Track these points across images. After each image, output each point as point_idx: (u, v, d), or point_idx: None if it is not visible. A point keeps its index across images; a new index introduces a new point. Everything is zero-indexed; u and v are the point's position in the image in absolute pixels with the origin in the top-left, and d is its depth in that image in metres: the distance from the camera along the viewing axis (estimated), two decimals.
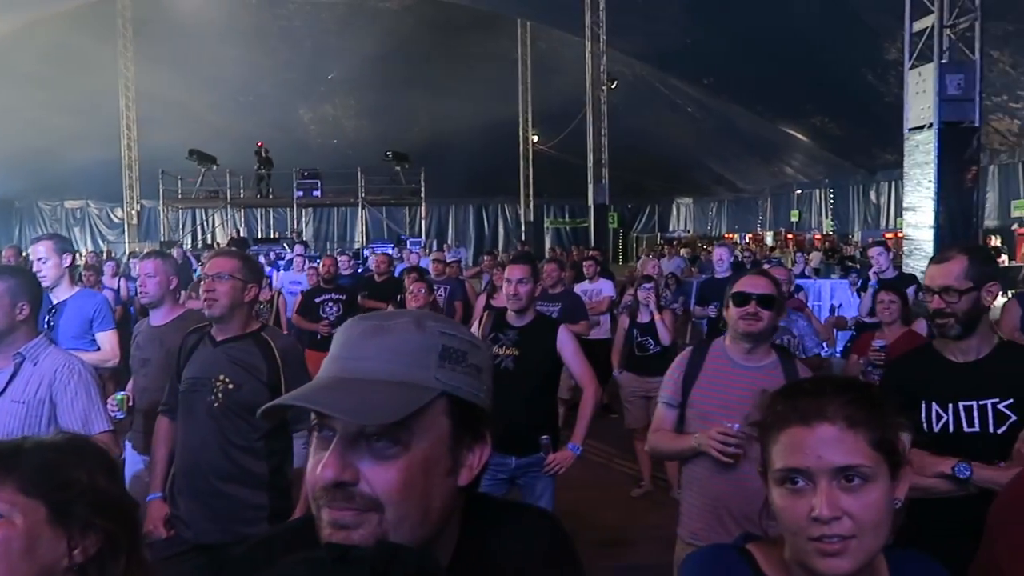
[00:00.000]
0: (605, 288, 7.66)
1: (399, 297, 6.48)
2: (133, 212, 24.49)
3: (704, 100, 24.36)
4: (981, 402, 2.14)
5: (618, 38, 19.75)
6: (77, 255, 6.30)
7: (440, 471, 0.85)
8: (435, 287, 6.45)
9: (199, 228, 27.53)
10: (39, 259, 3.87)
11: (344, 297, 7.19)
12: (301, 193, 23.78)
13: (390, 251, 16.40)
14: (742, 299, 2.52)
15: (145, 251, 7.32)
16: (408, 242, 20.83)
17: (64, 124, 23.00)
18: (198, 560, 2.65)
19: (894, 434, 1.01)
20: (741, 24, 17.57)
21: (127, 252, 21.23)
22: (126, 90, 23.94)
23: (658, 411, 2.71)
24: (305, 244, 20.09)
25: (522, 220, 27.82)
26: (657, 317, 5.44)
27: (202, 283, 2.67)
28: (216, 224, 26.84)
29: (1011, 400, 2.11)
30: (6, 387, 2.40)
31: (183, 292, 4.98)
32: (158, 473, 2.81)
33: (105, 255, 18.43)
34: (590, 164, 19.35)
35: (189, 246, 23.31)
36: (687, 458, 2.61)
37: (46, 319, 3.81)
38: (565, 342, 3.46)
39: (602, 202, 19.09)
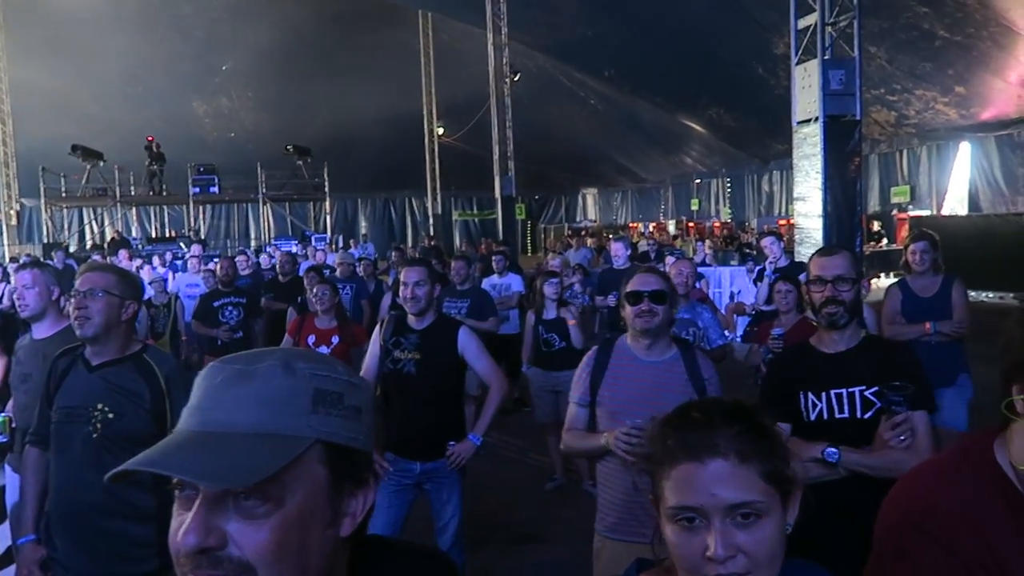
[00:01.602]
0: (514, 283, 7.68)
1: (299, 299, 6.30)
2: (12, 212, 22.98)
3: (606, 92, 24.77)
4: (850, 390, 2.32)
5: (520, 30, 19.81)
6: None
7: (318, 524, 0.80)
8: (340, 287, 6.28)
9: (87, 228, 26.03)
10: None
11: (244, 300, 6.95)
12: (198, 189, 22.85)
13: (293, 248, 15.95)
14: (635, 298, 2.65)
15: (22, 259, 6.82)
16: (313, 238, 20.33)
17: None
18: None
19: (784, 463, 1.00)
20: (638, 18, 17.94)
21: (6, 256, 19.86)
22: None
23: (570, 410, 2.77)
24: (204, 243, 19.29)
25: (430, 213, 27.62)
26: (565, 314, 5.50)
27: (72, 300, 2.44)
28: (106, 223, 25.45)
29: (876, 387, 2.29)
30: None
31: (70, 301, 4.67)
32: (30, 512, 2.54)
33: None
34: (496, 156, 19.39)
35: (76, 247, 21.99)
36: (600, 455, 2.67)
37: None
38: (467, 342, 3.45)
39: (509, 194, 19.15)
